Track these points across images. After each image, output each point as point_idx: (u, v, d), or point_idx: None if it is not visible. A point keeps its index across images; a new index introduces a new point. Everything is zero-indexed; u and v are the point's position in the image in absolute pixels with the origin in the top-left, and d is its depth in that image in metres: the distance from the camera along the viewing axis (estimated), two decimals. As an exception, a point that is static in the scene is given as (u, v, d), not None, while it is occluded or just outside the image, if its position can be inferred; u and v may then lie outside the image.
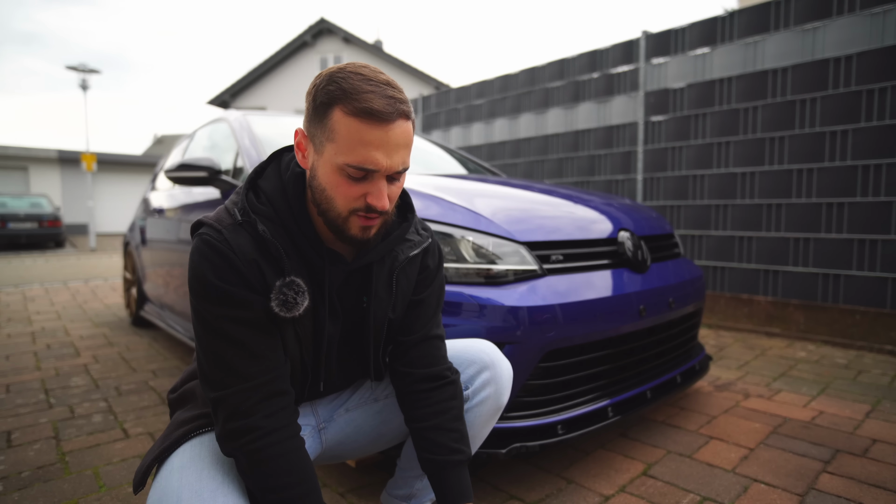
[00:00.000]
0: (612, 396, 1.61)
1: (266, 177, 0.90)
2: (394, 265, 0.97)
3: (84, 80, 12.67)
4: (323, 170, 0.81)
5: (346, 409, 1.07)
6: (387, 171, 0.79)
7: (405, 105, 0.79)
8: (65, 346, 3.17)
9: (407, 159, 0.82)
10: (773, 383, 2.41)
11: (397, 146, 0.79)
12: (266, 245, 0.83)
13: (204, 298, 0.80)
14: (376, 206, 0.80)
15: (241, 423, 0.79)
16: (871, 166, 3.04)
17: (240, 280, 0.80)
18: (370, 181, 0.80)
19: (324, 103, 0.78)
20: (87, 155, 12.01)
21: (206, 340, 0.81)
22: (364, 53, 16.27)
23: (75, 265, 8.57)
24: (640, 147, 4.12)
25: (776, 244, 3.43)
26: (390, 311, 0.98)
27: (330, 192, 0.81)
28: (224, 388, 0.80)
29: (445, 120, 5.93)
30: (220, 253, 0.80)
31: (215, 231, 0.81)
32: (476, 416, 1.06)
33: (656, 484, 1.52)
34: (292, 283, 0.83)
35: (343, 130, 0.77)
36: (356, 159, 0.77)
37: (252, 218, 0.83)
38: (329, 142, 0.79)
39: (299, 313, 0.84)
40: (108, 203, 18.70)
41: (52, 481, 1.55)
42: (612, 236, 1.77)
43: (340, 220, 0.82)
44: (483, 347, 1.10)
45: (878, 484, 1.50)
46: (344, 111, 0.76)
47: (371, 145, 0.77)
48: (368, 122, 0.76)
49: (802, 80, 3.29)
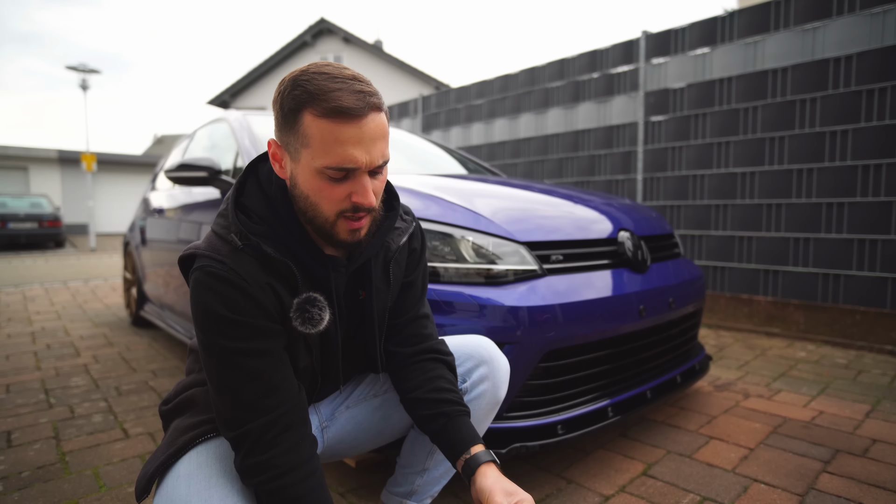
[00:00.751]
0: (612, 396, 1.61)
1: (248, 194, 0.86)
2: (388, 256, 0.97)
3: (84, 79, 12.67)
4: (303, 177, 0.79)
5: (346, 407, 1.08)
6: (367, 166, 0.78)
7: (375, 97, 0.78)
8: (65, 346, 3.17)
9: (386, 151, 0.81)
10: (773, 383, 2.41)
11: (374, 140, 0.77)
12: (275, 266, 0.81)
13: (217, 334, 0.77)
14: (363, 204, 0.79)
15: (259, 460, 0.77)
16: (871, 166, 3.04)
17: (256, 309, 0.78)
18: (352, 180, 0.78)
19: (292, 109, 0.76)
20: (87, 155, 12.01)
21: (220, 378, 0.78)
22: (364, 53, 16.27)
23: (75, 265, 8.57)
24: (640, 147, 4.12)
25: (776, 244, 3.43)
26: (390, 300, 0.99)
27: (314, 198, 0.79)
28: (243, 426, 0.78)
29: (445, 120, 5.93)
30: (231, 283, 0.77)
31: (216, 262, 0.78)
32: (474, 410, 1.06)
33: (656, 484, 1.52)
34: (313, 300, 0.82)
35: (316, 134, 0.75)
36: (334, 160, 0.75)
37: (253, 241, 0.80)
38: (304, 147, 0.77)
39: (323, 327, 0.83)
40: (108, 203, 18.70)
41: (52, 481, 1.55)
42: (612, 236, 1.77)
43: (329, 224, 0.81)
44: (481, 343, 1.11)
45: (878, 484, 1.50)
46: (314, 114, 0.75)
47: (347, 143, 0.75)
48: (341, 121, 0.74)
49: (802, 80, 3.29)
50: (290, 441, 0.79)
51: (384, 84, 15.97)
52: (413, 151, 2.84)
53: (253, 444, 0.77)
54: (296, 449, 0.80)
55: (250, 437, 0.77)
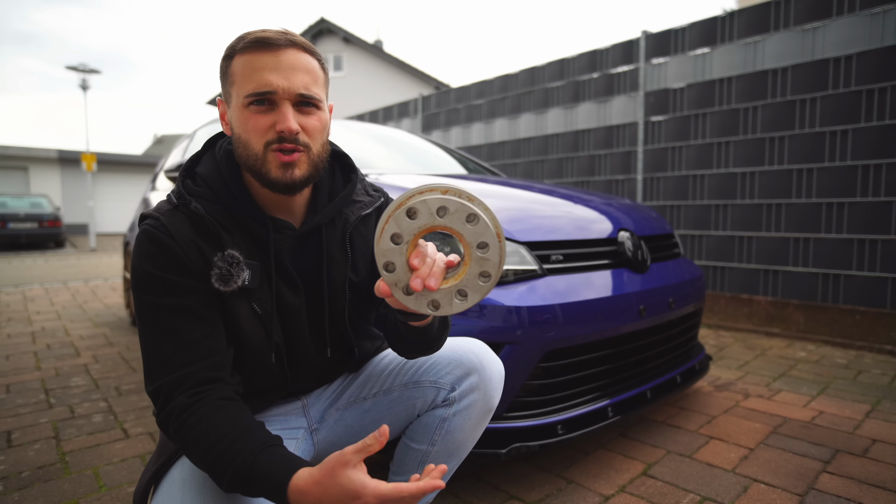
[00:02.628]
0: (612, 396, 1.61)
1: (202, 162, 0.91)
2: (345, 227, 0.96)
3: (84, 80, 12.66)
4: (235, 117, 0.83)
5: (336, 409, 1.06)
6: (285, 92, 0.80)
7: (299, 40, 0.83)
8: (65, 346, 3.17)
9: (312, 87, 0.82)
10: (773, 383, 2.41)
11: (292, 69, 0.80)
12: (203, 223, 0.83)
13: (139, 289, 0.80)
14: (285, 132, 0.80)
15: (168, 408, 0.77)
16: (871, 166, 3.04)
17: (178, 265, 0.80)
18: (275, 110, 0.81)
19: (226, 57, 0.83)
20: (87, 155, 12.00)
21: (142, 332, 0.81)
22: (364, 53, 16.27)
23: (75, 265, 8.57)
24: (640, 147, 4.12)
25: (776, 244, 3.43)
26: (351, 272, 0.96)
27: (244, 135, 0.82)
28: (158, 380, 0.78)
29: (445, 120, 5.93)
30: (158, 241, 0.80)
31: (154, 220, 0.82)
32: (463, 420, 1.01)
33: (656, 484, 1.52)
34: (227, 256, 0.83)
35: (239, 68, 0.81)
36: (252, 87, 0.79)
37: (187, 199, 0.84)
38: (232, 87, 0.82)
39: (237, 286, 0.83)
40: (108, 203, 18.69)
41: (52, 481, 1.55)
42: (612, 236, 1.77)
43: (259, 161, 0.82)
44: (472, 348, 1.04)
45: (878, 484, 1.50)
46: (239, 53, 0.81)
47: (264, 70, 0.79)
48: (258, 51, 0.80)
49: (802, 80, 3.29)
50: (202, 395, 0.77)
51: (384, 84, 15.97)
52: (413, 151, 2.84)
53: (165, 397, 0.78)
54: (206, 401, 0.77)
55: (163, 392, 0.78)
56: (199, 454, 0.74)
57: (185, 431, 0.75)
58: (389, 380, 1.06)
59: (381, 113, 6.90)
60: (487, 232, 0.68)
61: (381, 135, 2.89)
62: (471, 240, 0.69)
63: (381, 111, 6.88)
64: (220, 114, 0.89)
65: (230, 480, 0.71)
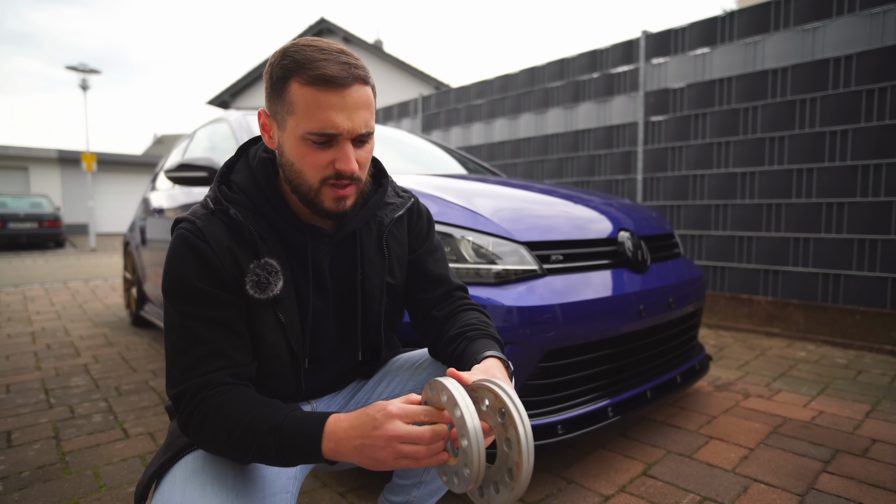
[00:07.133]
0: (612, 396, 1.61)
1: (236, 170, 0.91)
2: (381, 229, 0.97)
3: (84, 79, 12.66)
4: (288, 144, 0.82)
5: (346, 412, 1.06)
6: (349, 133, 0.79)
7: (361, 70, 0.80)
8: (65, 346, 3.17)
9: (370, 122, 0.83)
10: (773, 383, 2.41)
11: (356, 108, 0.79)
12: (239, 229, 0.83)
13: (173, 295, 0.80)
14: (345, 171, 0.80)
15: (191, 407, 0.77)
16: (871, 166, 3.04)
17: (213, 275, 0.80)
18: (335, 147, 0.80)
19: (280, 78, 0.79)
20: (87, 155, 12.00)
21: (171, 336, 0.81)
22: (364, 53, 16.26)
23: (75, 265, 8.57)
24: (640, 147, 4.12)
25: (776, 244, 3.43)
26: (387, 275, 0.97)
27: (298, 165, 0.81)
28: (182, 384, 0.79)
29: (445, 120, 5.93)
30: (194, 246, 0.80)
31: (190, 223, 0.82)
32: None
33: (656, 484, 1.52)
34: (265, 265, 0.83)
35: (301, 101, 0.78)
36: (317, 125, 0.78)
37: (224, 205, 0.83)
38: (290, 115, 0.80)
39: (274, 294, 0.83)
40: (108, 203, 18.70)
41: (52, 481, 1.55)
42: (611, 236, 1.77)
43: (313, 192, 0.82)
44: None
45: (878, 484, 1.50)
46: (300, 82, 0.78)
47: (330, 109, 0.77)
48: (325, 89, 0.77)
49: (802, 80, 3.29)
50: (225, 395, 0.78)
51: (384, 84, 15.96)
52: (413, 151, 2.84)
53: (189, 399, 0.78)
54: (229, 393, 0.78)
55: (187, 395, 0.78)
56: (226, 432, 0.75)
57: (209, 419, 0.76)
58: (402, 384, 1.06)
59: (381, 113, 6.90)
60: None
61: (381, 135, 2.89)
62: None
63: (381, 111, 6.88)
64: (261, 125, 0.87)
65: (261, 439, 0.73)
